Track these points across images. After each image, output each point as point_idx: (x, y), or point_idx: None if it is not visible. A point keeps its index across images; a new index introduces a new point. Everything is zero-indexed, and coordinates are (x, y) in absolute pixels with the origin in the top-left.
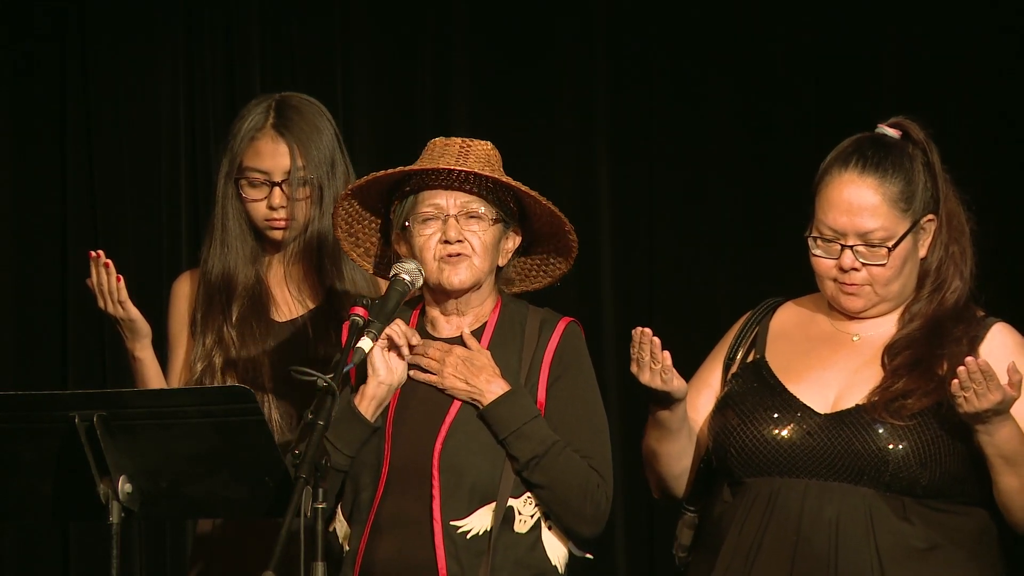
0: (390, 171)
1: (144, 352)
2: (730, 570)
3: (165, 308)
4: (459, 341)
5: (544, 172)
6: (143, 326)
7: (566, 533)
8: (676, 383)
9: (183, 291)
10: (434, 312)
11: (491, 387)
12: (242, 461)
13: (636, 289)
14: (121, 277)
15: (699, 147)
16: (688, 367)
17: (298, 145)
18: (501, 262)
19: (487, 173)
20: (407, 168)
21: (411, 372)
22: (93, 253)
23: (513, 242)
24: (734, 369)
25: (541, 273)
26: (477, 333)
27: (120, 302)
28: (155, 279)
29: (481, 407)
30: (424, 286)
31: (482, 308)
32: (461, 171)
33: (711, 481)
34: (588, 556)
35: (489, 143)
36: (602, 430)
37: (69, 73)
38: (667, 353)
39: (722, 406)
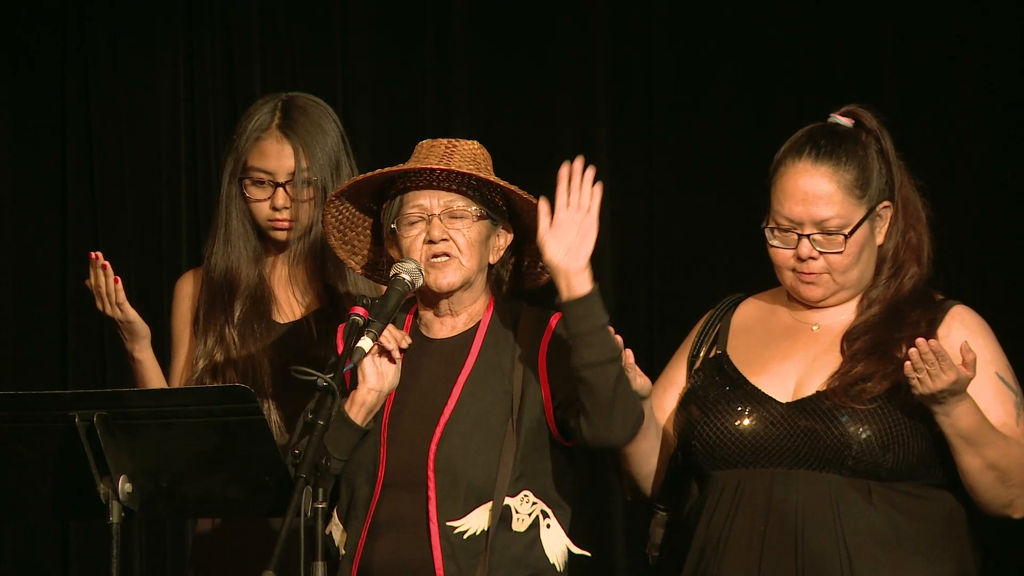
0: (368, 174)
1: (143, 353)
2: (700, 564)
3: (166, 308)
4: (453, 342)
5: (544, 171)
6: (141, 328)
7: (595, 436)
8: (640, 382)
9: (186, 290)
10: (427, 314)
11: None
12: (242, 461)
13: (636, 289)
14: (119, 279)
15: (699, 147)
16: None
17: (303, 146)
18: (492, 259)
19: (466, 170)
20: (385, 171)
21: None
22: (92, 255)
23: (504, 239)
24: (697, 365)
25: (538, 269)
26: (470, 333)
27: (118, 304)
28: (155, 279)
29: (577, 287)
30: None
31: (475, 307)
32: (443, 170)
33: (681, 479)
34: (587, 554)
35: (476, 142)
36: None
37: (69, 73)
38: (629, 351)
39: (685, 402)
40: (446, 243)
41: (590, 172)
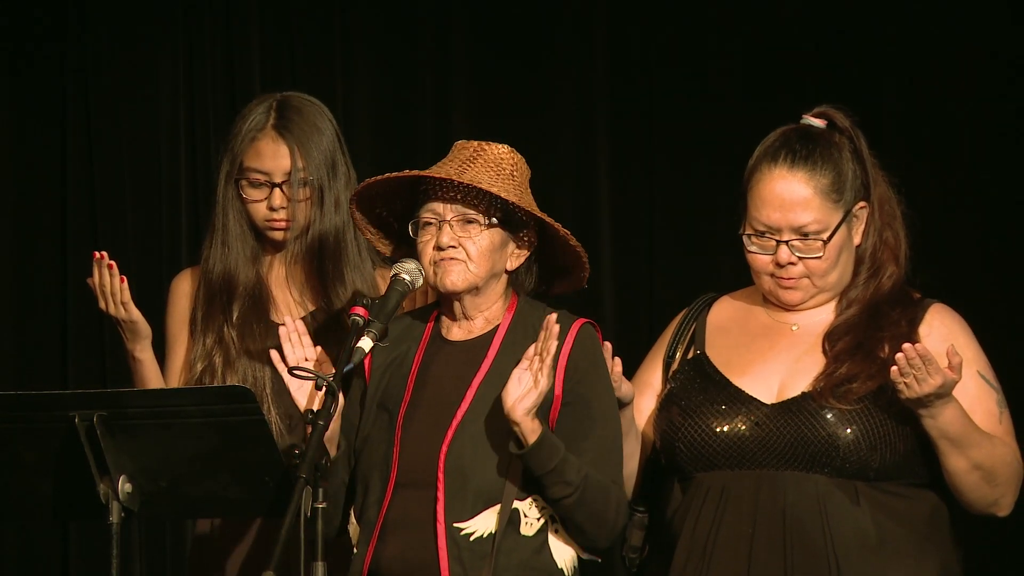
0: (385, 176)
1: (144, 353)
2: (687, 568)
3: (164, 306)
4: (471, 345)
5: (544, 172)
6: (144, 327)
7: (580, 542)
8: (625, 389)
9: (183, 289)
10: (446, 317)
11: (534, 425)
12: (242, 461)
13: (636, 289)
14: (124, 278)
15: (699, 148)
16: None
17: (299, 146)
18: (510, 266)
19: (471, 181)
20: (398, 175)
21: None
22: (97, 254)
23: (525, 246)
24: (675, 367)
25: (570, 277)
26: (489, 336)
27: (123, 303)
28: (155, 279)
29: (526, 437)
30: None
31: (492, 311)
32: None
33: (657, 481)
34: (597, 559)
35: (506, 147)
36: (617, 439)
37: (69, 72)
38: (618, 359)
39: (666, 404)
40: (454, 249)
41: (555, 328)
